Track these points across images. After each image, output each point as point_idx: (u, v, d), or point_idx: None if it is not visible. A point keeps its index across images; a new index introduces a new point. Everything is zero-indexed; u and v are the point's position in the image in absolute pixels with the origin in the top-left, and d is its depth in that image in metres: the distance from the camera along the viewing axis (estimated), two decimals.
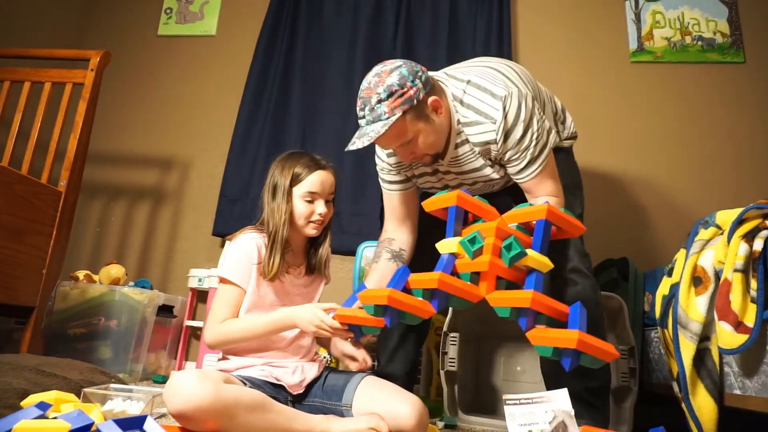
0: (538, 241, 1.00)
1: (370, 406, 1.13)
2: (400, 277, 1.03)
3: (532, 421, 0.96)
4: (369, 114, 1.19)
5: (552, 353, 0.87)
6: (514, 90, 1.26)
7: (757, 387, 1.08)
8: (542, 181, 1.30)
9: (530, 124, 1.25)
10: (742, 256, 1.08)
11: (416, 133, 1.22)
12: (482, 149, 1.30)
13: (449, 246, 1.04)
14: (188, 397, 0.92)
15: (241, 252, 1.23)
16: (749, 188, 2.17)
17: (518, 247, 0.94)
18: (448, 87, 1.31)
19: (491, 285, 0.97)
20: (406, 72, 1.19)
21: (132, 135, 2.64)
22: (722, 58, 2.38)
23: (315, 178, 1.24)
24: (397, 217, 1.47)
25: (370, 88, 1.19)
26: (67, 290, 1.95)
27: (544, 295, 0.91)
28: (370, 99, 1.18)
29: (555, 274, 1.33)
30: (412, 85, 1.18)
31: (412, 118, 1.20)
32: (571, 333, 0.84)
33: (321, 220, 1.26)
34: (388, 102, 1.17)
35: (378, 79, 1.19)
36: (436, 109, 1.24)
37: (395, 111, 1.17)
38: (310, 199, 1.24)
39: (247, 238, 1.25)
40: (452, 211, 1.07)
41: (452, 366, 1.65)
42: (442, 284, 0.94)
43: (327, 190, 1.26)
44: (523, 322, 0.91)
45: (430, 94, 1.22)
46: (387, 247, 1.42)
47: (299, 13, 2.60)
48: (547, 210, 0.98)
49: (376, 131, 1.16)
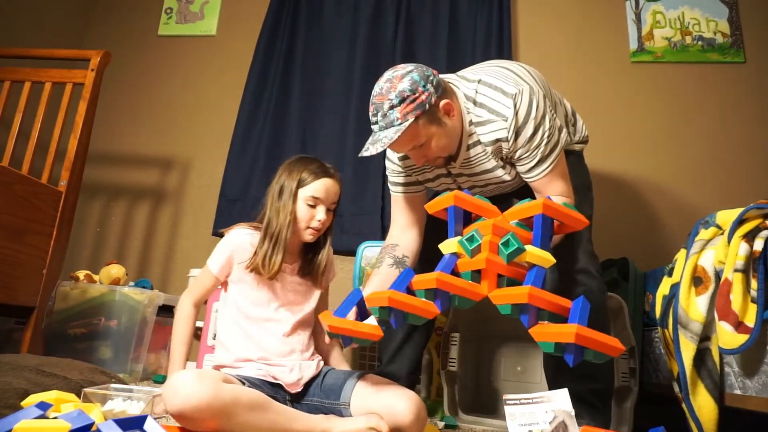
0: (538, 237, 0.99)
1: (367, 403, 1.13)
2: (403, 278, 1.03)
3: (532, 421, 0.96)
4: (382, 120, 1.19)
5: (554, 349, 0.85)
6: (525, 87, 1.25)
7: (757, 387, 1.08)
8: (552, 180, 1.29)
9: (542, 122, 1.24)
10: (743, 256, 1.08)
11: (429, 136, 1.22)
12: (494, 148, 1.29)
13: (450, 246, 1.04)
14: (187, 396, 0.92)
15: (224, 245, 1.31)
16: (749, 188, 2.17)
17: (515, 243, 0.94)
18: (459, 88, 1.30)
19: (492, 283, 0.96)
20: (417, 77, 1.19)
21: (132, 135, 2.64)
22: (722, 58, 2.38)
23: (320, 185, 1.28)
24: (403, 221, 1.47)
25: (382, 94, 1.19)
26: (67, 290, 1.95)
27: (542, 290, 0.89)
28: (382, 105, 1.18)
29: (563, 274, 1.33)
30: (424, 90, 1.18)
31: (424, 123, 1.20)
32: (570, 327, 0.82)
33: (319, 227, 1.28)
34: (401, 108, 1.17)
35: (390, 85, 1.19)
36: (449, 112, 1.24)
37: (408, 116, 1.17)
38: (313, 203, 1.27)
39: (236, 233, 1.31)
40: (451, 211, 1.07)
41: (452, 366, 1.65)
42: (441, 283, 0.94)
43: (330, 198, 1.30)
44: (525, 319, 0.89)
45: (442, 97, 1.22)
46: (390, 253, 1.41)
47: (299, 13, 2.60)
48: (543, 204, 0.97)
49: (390, 137, 1.16)
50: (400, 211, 1.48)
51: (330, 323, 1.04)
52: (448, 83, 1.30)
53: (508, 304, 0.90)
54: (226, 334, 1.27)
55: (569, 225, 1.03)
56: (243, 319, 1.26)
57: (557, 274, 1.35)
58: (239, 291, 1.29)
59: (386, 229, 2.25)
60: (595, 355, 0.83)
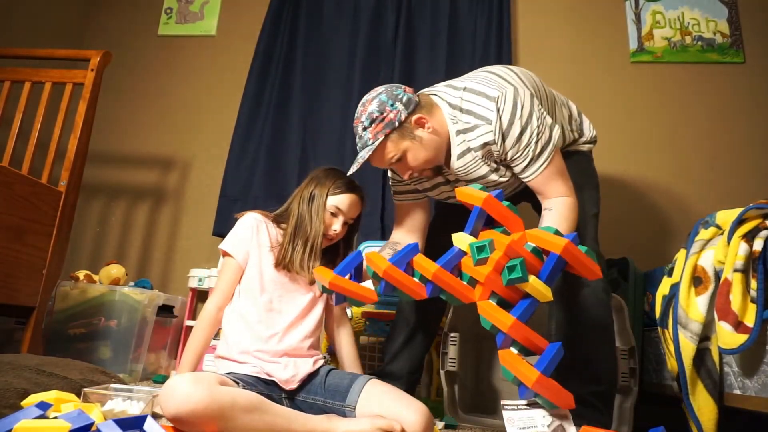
0: (546, 272, 0.97)
1: (375, 409, 1.12)
2: (407, 253, 1.05)
3: (530, 425, 0.96)
4: (359, 141, 1.29)
5: (512, 379, 0.91)
6: (509, 89, 1.27)
7: (757, 387, 1.08)
8: (550, 180, 1.29)
9: (528, 120, 1.25)
10: (742, 256, 1.08)
11: (404, 151, 1.28)
12: (484, 152, 1.30)
13: (461, 242, 1.04)
14: (183, 400, 0.92)
15: (241, 226, 1.35)
16: (749, 188, 2.17)
17: (520, 272, 0.93)
18: (444, 99, 1.33)
19: (486, 292, 0.98)
20: (385, 98, 1.26)
21: (132, 135, 2.64)
22: (722, 58, 2.38)
23: (346, 198, 1.35)
24: (405, 227, 1.51)
25: (358, 117, 1.28)
26: (67, 290, 1.95)
27: (524, 326, 0.93)
28: (357, 128, 1.28)
29: (568, 273, 1.33)
30: (392, 109, 1.25)
31: (396, 139, 1.26)
32: (532, 373, 0.87)
33: (332, 237, 1.36)
34: (371, 128, 1.25)
35: (362, 109, 1.28)
36: (422, 125, 1.28)
37: (378, 135, 1.25)
38: (334, 212, 1.35)
39: (251, 216, 1.37)
40: (476, 210, 1.07)
41: (452, 366, 1.65)
42: (436, 278, 0.98)
43: (350, 213, 1.37)
44: (499, 338, 0.94)
45: (414, 112, 1.27)
46: (392, 247, 1.43)
47: (299, 13, 2.60)
48: (564, 247, 0.95)
49: (363, 157, 1.26)
50: (401, 217, 1.52)
51: (331, 279, 1.06)
52: (428, 96, 1.34)
53: (489, 321, 0.94)
54: (230, 325, 1.28)
55: (579, 271, 1.00)
56: (250, 306, 1.28)
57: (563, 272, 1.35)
58: (250, 276, 1.31)
59: (386, 229, 2.26)
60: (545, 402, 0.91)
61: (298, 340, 1.27)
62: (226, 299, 1.31)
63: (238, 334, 1.25)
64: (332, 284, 1.06)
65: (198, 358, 1.26)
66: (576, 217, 1.29)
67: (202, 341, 1.27)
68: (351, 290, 1.07)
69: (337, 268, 1.11)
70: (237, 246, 1.32)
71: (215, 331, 1.32)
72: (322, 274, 1.08)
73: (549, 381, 0.88)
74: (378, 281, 1.03)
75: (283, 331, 1.26)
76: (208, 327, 1.28)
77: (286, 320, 1.28)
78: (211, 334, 1.30)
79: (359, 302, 1.08)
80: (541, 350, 0.93)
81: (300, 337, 1.28)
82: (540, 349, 0.93)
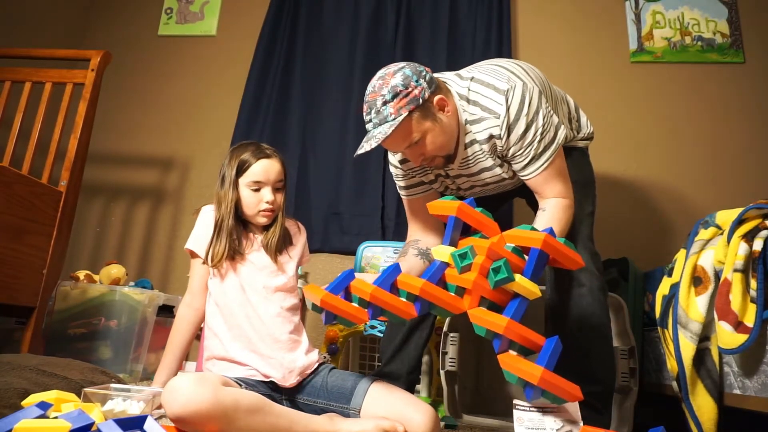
0: (530, 269, 0.98)
1: (381, 411, 1.11)
2: (390, 274, 1.03)
3: (540, 427, 0.96)
4: (375, 117, 1.18)
5: (517, 381, 0.89)
6: (518, 83, 1.24)
7: (756, 387, 1.08)
8: (549, 179, 1.27)
9: (534, 118, 1.23)
10: (742, 256, 1.08)
11: (424, 133, 1.21)
12: (490, 145, 1.28)
13: (442, 254, 1.04)
14: (186, 401, 0.92)
15: (198, 224, 1.33)
16: (749, 188, 2.17)
17: (506, 272, 0.94)
18: (453, 87, 1.29)
19: (475, 300, 0.98)
20: (409, 72, 1.18)
21: (132, 135, 2.64)
22: (722, 58, 2.38)
23: (259, 168, 1.28)
24: (420, 221, 1.44)
25: (375, 92, 1.18)
26: (67, 290, 1.95)
27: (519, 324, 0.92)
28: (375, 102, 1.17)
29: (564, 273, 1.33)
30: (417, 85, 1.17)
31: (418, 118, 1.19)
32: (536, 369, 0.86)
33: (270, 208, 1.29)
34: (394, 103, 1.16)
35: (382, 82, 1.18)
36: (443, 108, 1.22)
37: (401, 111, 1.16)
38: (256, 188, 1.28)
39: (208, 209, 1.33)
40: (451, 220, 1.07)
41: (452, 366, 1.65)
42: (424, 293, 0.97)
43: (273, 177, 1.29)
44: (496, 344, 0.93)
45: (436, 93, 1.21)
46: (414, 246, 1.40)
47: (299, 13, 2.60)
48: (543, 240, 0.95)
49: (384, 132, 1.15)
50: (415, 212, 1.46)
51: (322, 297, 1.01)
52: (443, 81, 1.29)
53: (483, 327, 0.93)
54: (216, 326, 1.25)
55: (562, 263, 1.01)
56: (223, 308, 1.24)
57: (558, 272, 1.34)
58: (213, 281, 1.28)
59: (386, 229, 2.26)
60: (554, 398, 0.89)
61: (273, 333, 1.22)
62: (195, 297, 1.29)
63: (225, 334, 1.22)
64: (323, 302, 1.01)
65: (177, 361, 1.25)
66: (570, 218, 1.27)
67: (178, 344, 1.26)
68: (342, 309, 1.01)
69: (329, 285, 1.06)
70: (198, 243, 1.29)
71: (194, 330, 1.30)
72: (313, 291, 1.03)
73: (554, 375, 0.87)
74: (365, 307, 1.00)
75: (265, 320, 1.22)
76: (183, 328, 1.28)
77: (253, 314, 1.23)
78: (188, 335, 1.28)
79: (350, 322, 1.03)
80: (539, 347, 0.92)
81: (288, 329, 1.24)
82: (538, 346, 0.93)
